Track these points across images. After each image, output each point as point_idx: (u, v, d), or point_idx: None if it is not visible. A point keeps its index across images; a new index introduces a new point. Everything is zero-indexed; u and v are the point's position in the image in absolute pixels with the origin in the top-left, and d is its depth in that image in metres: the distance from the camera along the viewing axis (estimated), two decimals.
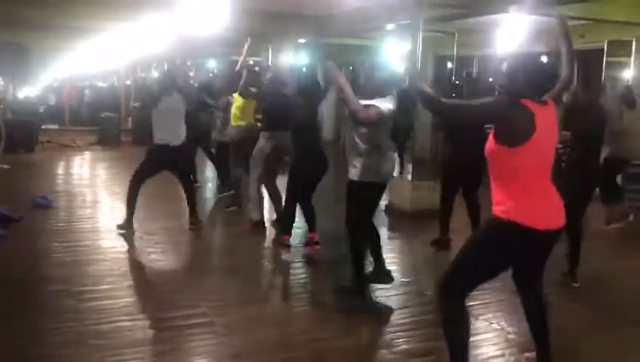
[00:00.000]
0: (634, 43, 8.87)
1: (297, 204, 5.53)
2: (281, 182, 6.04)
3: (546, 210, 2.81)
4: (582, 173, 4.77)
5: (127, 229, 5.99)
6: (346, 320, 4.04)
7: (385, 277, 4.51)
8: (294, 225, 5.58)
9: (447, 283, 2.94)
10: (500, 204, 2.80)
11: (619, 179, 7.05)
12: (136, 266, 5.16)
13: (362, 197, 4.27)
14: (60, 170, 11.06)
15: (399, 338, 3.79)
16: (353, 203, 4.32)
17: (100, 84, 23.53)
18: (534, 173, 2.79)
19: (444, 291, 2.96)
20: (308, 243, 5.59)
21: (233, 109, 7.11)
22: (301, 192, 5.48)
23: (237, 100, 7.02)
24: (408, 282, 4.89)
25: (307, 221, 5.64)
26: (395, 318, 4.12)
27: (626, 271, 5.46)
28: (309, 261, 5.40)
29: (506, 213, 2.76)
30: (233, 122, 7.10)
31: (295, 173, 5.44)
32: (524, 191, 2.76)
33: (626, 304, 4.59)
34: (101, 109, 15.65)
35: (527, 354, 3.38)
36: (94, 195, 8.53)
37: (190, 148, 9.12)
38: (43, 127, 14.04)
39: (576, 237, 4.80)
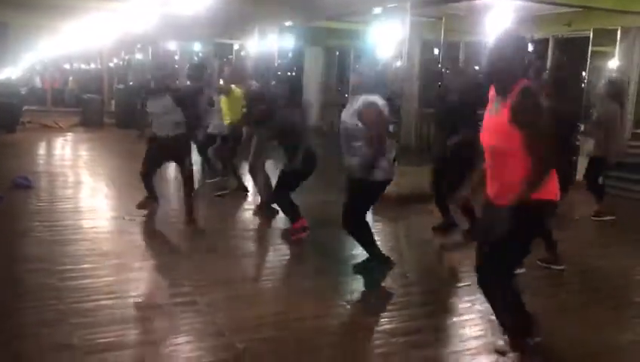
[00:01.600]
0: (619, 32, 8.88)
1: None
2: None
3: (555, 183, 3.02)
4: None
5: (142, 207, 6.02)
6: (329, 300, 4.04)
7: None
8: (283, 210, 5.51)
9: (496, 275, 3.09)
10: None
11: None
12: (118, 246, 5.10)
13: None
14: (42, 151, 10.92)
15: (381, 318, 3.80)
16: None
17: (84, 66, 23.21)
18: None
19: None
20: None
21: (224, 106, 6.97)
22: (292, 186, 5.43)
23: (228, 97, 6.91)
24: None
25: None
26: (378, 299, 4.13)
27: (606, 258, 5.51)
28: (294, 242, 5.38)
29: (540, 193, 2.88)
30: (225, 119, 6.98)
31: (286, 170, 5.42)
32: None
33: (607, 288, 4.65)
34: (84, 91, 15.47)
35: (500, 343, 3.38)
36: (76, 176, 8.42)
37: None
38: (24, 108, 13.84)
39: None
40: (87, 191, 7.48)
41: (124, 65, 20.30)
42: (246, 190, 7.18)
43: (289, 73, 16.13)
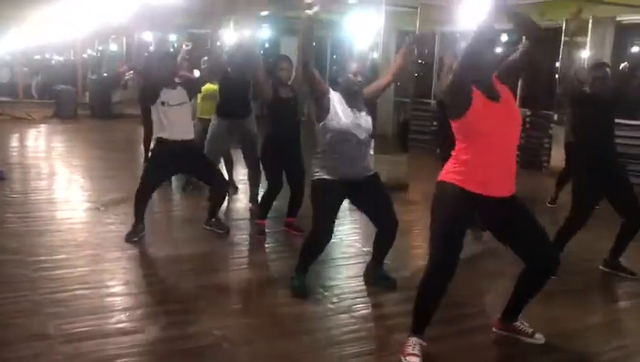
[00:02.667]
0: (590, 22, 9.00)
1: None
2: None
3: (485, 180, 3.04)
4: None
5: (134, 237, 4.86)
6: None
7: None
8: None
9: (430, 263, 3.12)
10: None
11: None
12: (93, 237, 5.04)
13: None
14: (14, 143, 10.74)
15: (359, 304, 3.84)
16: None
17: (57, 57, 22.80)
18: (480, 146, 3.03)
19: (429, 269, 3.14)
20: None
21: (200, 100, 6.61)
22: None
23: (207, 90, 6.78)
24: (369, 251, 4.91)
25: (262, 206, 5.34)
26: (356, 285, 4.16)
27: (580, 241, 5.58)
28: (273, 231, 5.40)
29: (443, 176, 3.08)
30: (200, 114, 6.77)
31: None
32: (467, 163, 3.04)
33: (577, 271, 4.74)
34: (56, 83, 15.20)
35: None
36: (50, 167, 8.30)
37: None
38: None
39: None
40: (61, 182, 7.39)
41: (97, 55, 20.00)
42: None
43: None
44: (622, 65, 9.53)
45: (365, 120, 3.86)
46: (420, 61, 13.08)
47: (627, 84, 5.39)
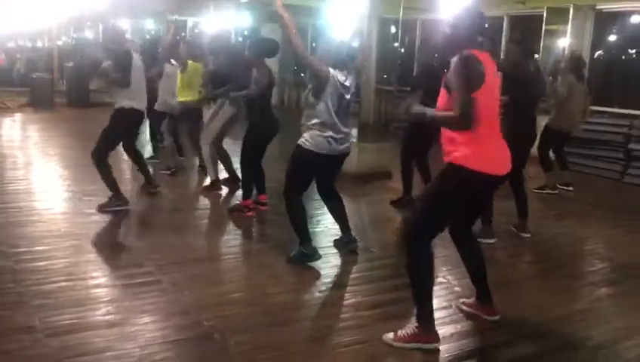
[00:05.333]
0: (571, 10, 9.05)
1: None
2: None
3: (499, 157, 3.00)
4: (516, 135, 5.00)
5: (116, 206, 5.36)
6: (295, 276, 4.05)
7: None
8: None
9: (412, 231, 3.11)
10: (455, 152, 2.93)
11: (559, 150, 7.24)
12: (76, 227, 4.95)
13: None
14: None
15: (347, 293, 3.84)
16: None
17: (30, 44, 22.36)
18: (488, 120, 2.92)
19: (410, 239, 3.11)
20: (257, 204, 5.54)
21: (179, 83, 6.85)
22: (257, 156, 5.43)
23: (183, 73, 6.79)
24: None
25: (257, 184, 5.58)
26: (344, 274, 4.16)
27: (561, 229, 5.70)
28: (258, 220, 5.36)
29: (464, 161, 2.90)
30: (179, 97, 6.86)
31: (251, 137, 5.34)
32: (481, 138, 2.89)
33: (562, 258, 4.81)
34: (33, 70, 14.89)
35: (463, 300, 3.55)
36: (27, 157, 8.13)
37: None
38: None
39: (519, 192, 5.10)
40: (38, 172, 7.23)
41: (73, 43, 19.66)
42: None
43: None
44: (597, 54, 9.64)
45: (350, 82, 4.17)
46: (401, 49, 13.08)
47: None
